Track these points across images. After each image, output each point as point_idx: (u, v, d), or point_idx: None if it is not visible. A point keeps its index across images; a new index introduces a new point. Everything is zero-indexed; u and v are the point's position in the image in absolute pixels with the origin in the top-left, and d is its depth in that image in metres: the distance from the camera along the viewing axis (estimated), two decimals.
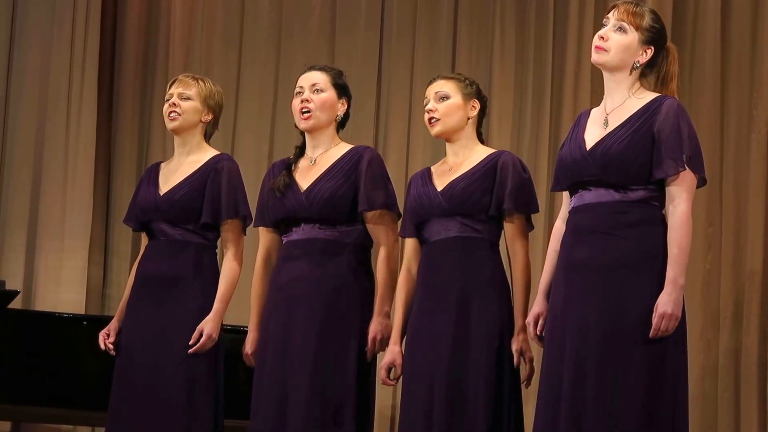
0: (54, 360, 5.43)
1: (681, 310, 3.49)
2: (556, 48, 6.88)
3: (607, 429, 3.45)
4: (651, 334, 3.47)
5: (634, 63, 3.66)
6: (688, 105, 3.64)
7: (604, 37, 3.65)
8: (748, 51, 6.74)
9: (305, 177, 4.20)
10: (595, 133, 3.67)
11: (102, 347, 4.37)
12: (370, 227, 4.16)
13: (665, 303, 3.47)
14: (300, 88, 4.23)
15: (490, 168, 4.01)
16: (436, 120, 4.06)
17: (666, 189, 3.58)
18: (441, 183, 4.06)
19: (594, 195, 3.62)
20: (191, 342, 4.21)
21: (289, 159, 4.29)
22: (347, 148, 4.24)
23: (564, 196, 3.82)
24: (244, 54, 7.00)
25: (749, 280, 6.54)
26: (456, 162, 4.09)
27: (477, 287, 3.93)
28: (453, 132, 4.09)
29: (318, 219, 4.13)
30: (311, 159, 4.24)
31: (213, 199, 4.33)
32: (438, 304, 3.94)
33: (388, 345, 4.08)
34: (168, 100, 4.42)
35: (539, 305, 3.75)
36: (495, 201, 3.98)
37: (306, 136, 4.28)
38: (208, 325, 4.23)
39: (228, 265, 4.32)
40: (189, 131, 4.42)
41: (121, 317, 4.40)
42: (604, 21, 3.69)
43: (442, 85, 4.10)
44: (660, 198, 3.61)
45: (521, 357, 3.91)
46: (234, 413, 4.65)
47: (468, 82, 4.13)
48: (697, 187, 3.61)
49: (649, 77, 3.71)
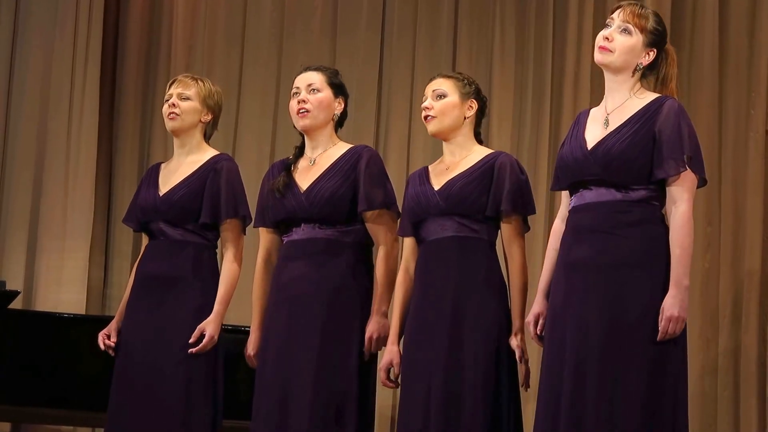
0: (54, 360, 5.42)
1: (686, 311, 3.49)
2: (555, 48, 6.88)
3: (608, 429, 3.44)
4: (659, 337, 3.46)
5: (637, 65, 3.67)
6: (686, 104, 3.65)
7: (609, 38, 3.65)
8: (745, 50, 6.75)
9: (305, 177, 4.20)
10: (596, 133, 3.67)
11: (102, 348, 4.37)
12: (369, 226, 4.16)
13: (671, 306, 3.47)
14: (296, 88, 4.24)
15: (487, 168, 4.00)
16: (431, 117, 4.06)
17: (667, 189, 3.59)
18: (438, 182, 4.05)
19: (595, 194, 3.63)
20: (191, 341, 4.21)
21: (289, 160, 4.30)
22: (346, 147, 4.24)
23: (563, 195, 3.82)
24: (246, 54, 7.01)
25: (748, 279, 6.54)
26: (453, 161, 4.09)
27: (474, 287, 3.92)
28: (449, 131, 4.08)
29: (318, 219, 4.13)
30: (310, 159, 4.24)
31: (212, 199, 4.32)
32: (435, 304, 3.94)
33: (385, 344, 4.08)
34: (167, 100, 4.42)
35: (539, 304, 3.75)
36: (492, 202, 3.97)
37: (305, 136, 4.28)
38: (209, 327, 4.23)
39: (228, 266, 4.32)
40: (188, 131, 4.42)
41: (121, 318, 4.39)
42: (608, 21, 3.69)
43: (440, 84, 4.10)
44: (660, 198, 3.62)
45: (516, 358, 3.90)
46: (233, 414, 4.66)
47: (467, 81, 4.12)
48: (698, 188, 3.62)
49: (649, 78, 3.71)
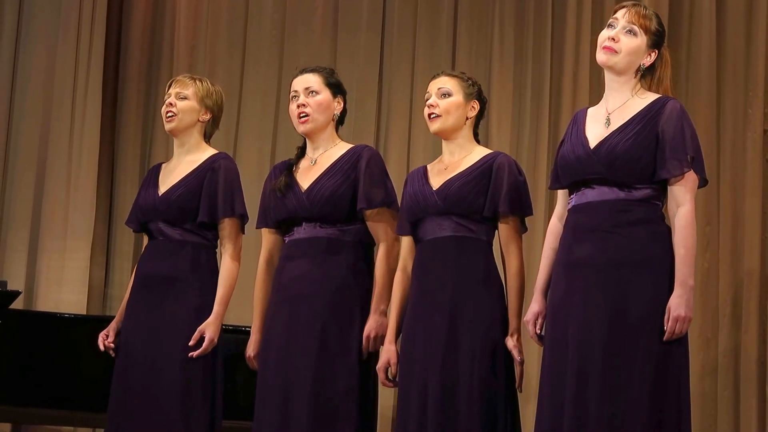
0: (55, 361, 5.42)
1: (692, 311, 3.48)
2: (554, 48, 6.89)
3: (613, 429, 3.44)
4: (666, 337, 3.46)
5: (640, 65, 3.67)
6: (684, 104, 3.65)
7: (615, 39, 3.64)
8: (743, 50, 6.76)
9: (306, 177, 4.21)
10: (598, 132, 3.67)
11: (101, 348, 4.38)
12: (370, 225, 4.16)
13: (678, 306, 3.47)
14: (295, 92, 4.25)
15: (485, 169, 4.01)
16: (436, 116, 4.06)
17: (669, 189, 3.59)
18: (437, 182, 4.05)
19: (597, 193, 3.62)
20: (191, 344, 4.20)
21: (291, 160, 4.31)
22: (347, 147, 4.25)
23: (560, 194, 3.82)
24: (247, 54, 7.01)
25: (747, 278, 6.54)
26: (452, 161, 4.09)
27: (471, 287, 3.93)
28: (451, 131, 4.08)
29: (319, 218, 4.14)
30: (312, 159, 4.25)
31: (209, 198, 4.32)
32: (432, 303, 3.94)
33: (383, 343, 4.08)
34: (166, 100, 4.42)
35: (538, 304, 3.75)
36: (490, 202, 3.98)
37: (307, 137, 4.29)
38: (209, 329, 4.22)
39: (226, 266, 4.31)
40: (186, 131, 4.42)
41: (121, 318, 4.39)
42: (611, 21, 3.68)
43: (445, 82, 4.09)
44: (661, 197, 3.62)
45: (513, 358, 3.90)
46: (233, 414, 4.67)
47: (471, 82, 4.13)
48: (698, 188, 3.62)
49: (646, 78, 3.71)
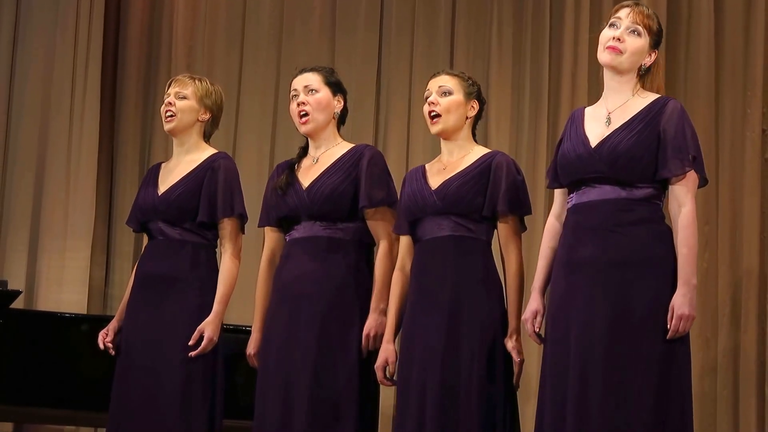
0: (56, 360, 5.41)
1: (695, 310, 3.49)
2: (552, 47, 6.90)
3: (616, 429, 3.44)
4: (669, 335, 3.47)
5: (642, 65, 3.68)
6: (683, 104, 3.66)
7: (620, 39, 3.64)
8: (741, 50, 6.77)
9: (307, 175, 4.22)
10: (598, 131, 3.67)
11: (101, 347, 4.37)
12: (370, 224, 4.17)
13: (681, 304, 3.47)
14: (295, 91, 4.25)
15: (484, 168, 4.01)
16: (437, 116, 4.05)
17: (670, 188, 3.60)
18: (435, 182, 4.05)
19: (598, 192, 3.62)
20: (191, 343, 4.20)
21: (293, 159, 4.31)
22: (348, 146, 4.26)
23: (557, 193, 3.83)
24: (245, 54, 7.01)
25: (746, 278, 6.56)
26: (450, 161, 4.09)
27: (470, 287, 3.92)
28: (452, 130, 4.08)
29: (319, 216, 4.14)
30: (313, 158, 4.26)
31: (209, 198, 4.32)
32: (431, 303, 3.94)
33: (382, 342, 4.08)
34: (165, 100, 4.42)
35: (536, 302, 3.75)
36: (488, 202, 3.98)
37: (308, 137, 4.30)
38: (208, 328, 4.22)
39: (226, 266, 4.31)
40: (186, 131, 4.42)
41: (121, 317, 4.39)
42: (613, 21, 3.67)
43: (446, 81, 4.09)
44: (661, 196, 3.62)
45: (511, 358, 3.90)
46: (234, 413, 4.67)
47: (471, 81, 4.13)
48: (698, 188, 3.62)
49: (645, 77, 3.71)
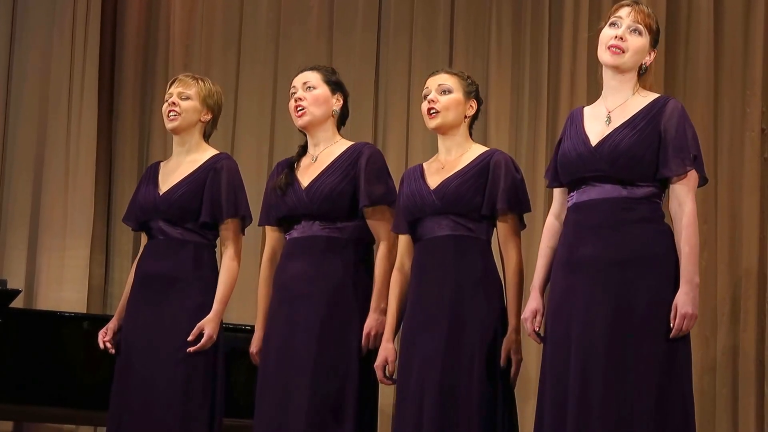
0: (56, 359, 5.40)
1: (698, 308, 3.49)
2: (552, 47, 6.89)
3: (619, 427, 3.44)
4: (672, 334, 3.47)
5: (642, 64, 3.68)
6: (682, 103, 3.68)
7: (623, 38, 3.63)
8: (740, 50, 6.78)
9: (306, 174, 4.22)
10: (598, 130, 3.66)
11: (101, 347, 4.38)
12: (370, 223, 4.17)
13: (685, 303, 3.47)
14: (294, 87, 4.27)
15: (483, 167, 4.01)
16: (435, 112, 4.05)
17: (670, 187, 3.60)
18: (434, 181, 4.05)
19: (599, 191, 3.62)
20: (190, 339, 4.21)
21: (292, 158, 4.31)
22: (347, 144, 4.26)
23: (557, 192, 3.83)
24: (243, 54, 7.00)
25: (745, 277, 6.56)
26: (448, 160, 4.09)
27: (470, 286, 3.92)
28: (450, 127, 4.08)
29: (318, 215, 4.15)
30: (312, 157, 4.26)
31: (212, 199, 4.33)
32: (432, 302, 3.93)
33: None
34: (167, 99, 4.43)
35: (536, 301, 3.74)
36: (487, 201, 3.98)
37: (307, 134, 4.30)
38: (208, 326, 4.23)
39: (227, 265, 4.32)
40: (188, 131, 4.43)
41: (121, 316, 4.40)
42: (614, 20, 3.67)
43: (445, 79, 4.09)
44: (662, 195, 3.62)
45: (510, 357, 3.89)
46: (234, 412, 4.67)
47: (470, 80, 4.13)
48: (698, 187, 3.63)
49: (643, 76, 3.71)
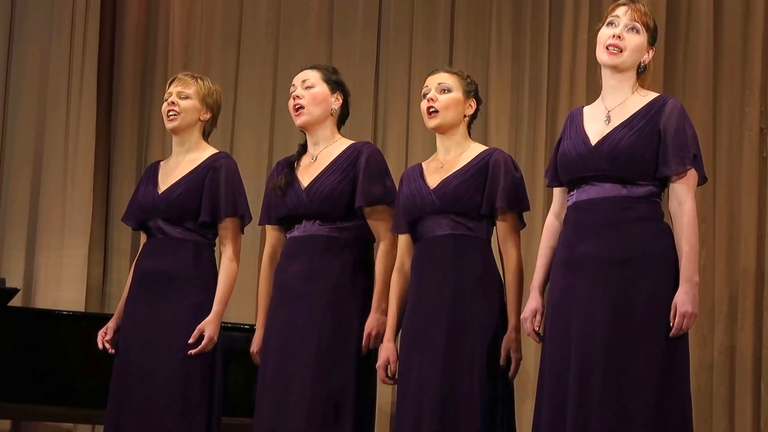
0: (54, 358, 5.40)
1: (698, 307, 3.49)
2: (551, 46, 6.89)
3: (618, 427, 3.44)
4: (672, 333, 3.47)
5: (641, 63, 3.68)
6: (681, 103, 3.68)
7: (620, 37, 3.63)
8: (740, 49, 6.77)
9: (306, 174, 4.22)
10: (597, 129, 3.67)
11: (100, 347, 4.38)
12: (370, 223, 4.17)
13: (684, 302, 3.48)
14: (293, 87, 4.27)
15: (482, 166, 4.01)
16: (435, 111, 4.05)
17: (670, 186, 3.60)
18: (433, 181, 4.05)
19: (599, 190, 3.62)
20: (190, 342, 4.21)
21: (292, 157, 4.32)
22: (347, 144, 4.25)
23: (556, 191, 3.83)
24: (242, 53, 7.00)
25: (743, 276, 6.56)
26: (447, 159, 4.09)
27: (471, 285, 3.92)
28: (449, 127, 4.08)
29: (318, 215, 4.15)
30: (312, 156, 4.26)
31: (212, 198, 4.33)
32: (432, 301, 3.94)
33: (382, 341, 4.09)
34: (167, 99, 4.43)
35: (535, 301, 3.74)
36: (487, 199, 3.98)
37: (306, 133, 4.30)
38: (209, 327, 4.23)
39: (226, 266, 4.32)
40: (187, 130, 4.43)
41: (120, 316, 4.39)
42: (611, 19, 3.66)
43: (445, 78, 4.09)
44: (661, 194, 3.63)
45: (509, 355, 3.89)
46: (233, 411, 4.67)
47: (469, 80, 4.14)
48: (697, 186, 3.63)
49: (641, 75, 3.71)
